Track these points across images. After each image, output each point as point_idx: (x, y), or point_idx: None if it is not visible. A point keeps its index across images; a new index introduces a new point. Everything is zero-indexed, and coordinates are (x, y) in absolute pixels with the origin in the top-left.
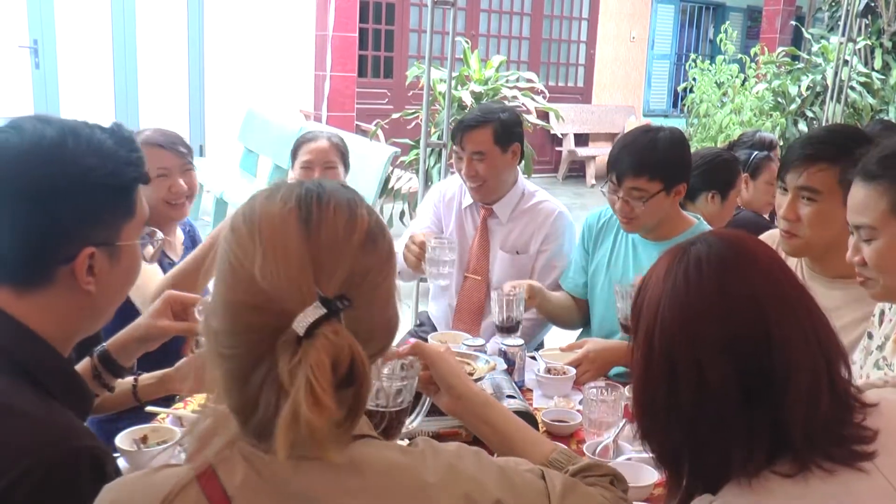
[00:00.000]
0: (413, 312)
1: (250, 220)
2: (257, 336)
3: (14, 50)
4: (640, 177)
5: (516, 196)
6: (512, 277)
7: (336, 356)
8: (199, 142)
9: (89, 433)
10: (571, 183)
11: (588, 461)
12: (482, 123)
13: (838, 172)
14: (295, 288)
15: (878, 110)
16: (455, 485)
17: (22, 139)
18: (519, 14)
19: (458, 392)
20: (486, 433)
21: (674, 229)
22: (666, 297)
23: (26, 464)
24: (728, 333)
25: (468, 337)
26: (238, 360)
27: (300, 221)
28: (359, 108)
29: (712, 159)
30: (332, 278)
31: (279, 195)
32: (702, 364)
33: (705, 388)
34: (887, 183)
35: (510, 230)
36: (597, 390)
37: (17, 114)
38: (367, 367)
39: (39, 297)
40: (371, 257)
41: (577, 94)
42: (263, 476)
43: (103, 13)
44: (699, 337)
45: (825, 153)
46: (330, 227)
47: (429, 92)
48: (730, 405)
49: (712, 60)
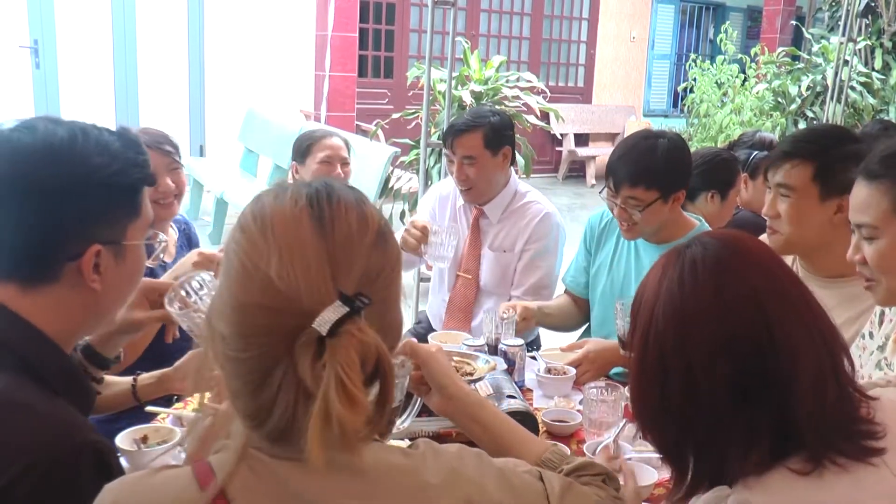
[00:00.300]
0: (413, 312)
1: (261, 221)
2: (273, 338)
3: (14, 50)
4: (637, 187)
5: (507, 197)
6: (497, 276)
7: (364, 353)
8: (199, 142)
9: (92, 428)
10: (571, 183)
11: (581, 460)
12: (472, 128)
13: (812, 169)
14: (314, 287)
15: (878, 110)
16: (456, 487)
17: (34, 138)
18: (519, 14)
19: (450, 392)
20: (477, 433)
21: (676, 232)
22: (661, 300)
23: (31, 458)
24: (726, 334)
25: (468, 337)
26: (250, 363)
27: (313, 220)
28: (359, 108)
29: (711, 159)
30: (349, 276)
31: (288, 194)
32: (693, 368)
33: (696, 391)
34: (889, 182)
35: (499, 230)
36: (597, 390)
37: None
38: (391, 364)
39: (45, 294)
40: (383, 256)
41: (577, 94)
42: (263, 478)
43: (103, 13)
44: (692, 340)
45: (800, 150)
46: (344, 225)
47: (429, 92)
48: (723, 406)
49: (712, 60)
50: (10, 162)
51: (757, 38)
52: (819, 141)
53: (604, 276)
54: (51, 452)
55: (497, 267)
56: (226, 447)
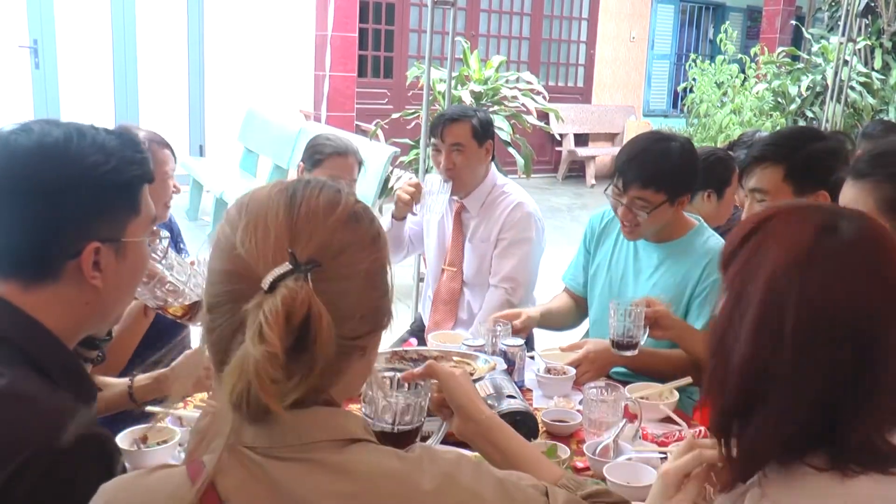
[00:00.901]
0: (413, 312)
1: (240, 202)
2: (234, 306)
3: (14, 50)
4: (647, 188)
5: (486, 189)
6: (476, 266)
7: (291, 304)
8: (199, 142)
9: (95, 421)
10: (571, 183)
11: (597, 488)
12: (462, 118)
13: (782, 170)
14: (269, 253)
15: (878, 110)
16: (451, 494)
17: (30, 140)
18: (519, 14)
19: (468, 413)
20: (494, 458)
21: (675, 232)
22: (805, 269)
23: (34, 449)
24: (860, 318)
25: (468, 337)
26: (217, 335)
27: (285, 198)
28: (359, 108)
29: (706, 158)
30: (307, 245)
31: (273, 183)
32: (816, 342)
33: (809, 365)
34: (875, 181)
35: (479, 222)
36: (597, 390)
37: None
38: (326, 323)
39: (47, 292)
40: (351, 234)
41: (576, 94)
42: (256, 477)
43: (103, 13)
44: (831, 313)
45: (768, 153)
46: (312, 202)
47: (429, 92)
48: (816, 385)
49: (712, 60)
50: (7, 163)
51: (757, 38)
52: (786, 143)
53: (603, 273)
54: (54, 445)
55: (475, 257)
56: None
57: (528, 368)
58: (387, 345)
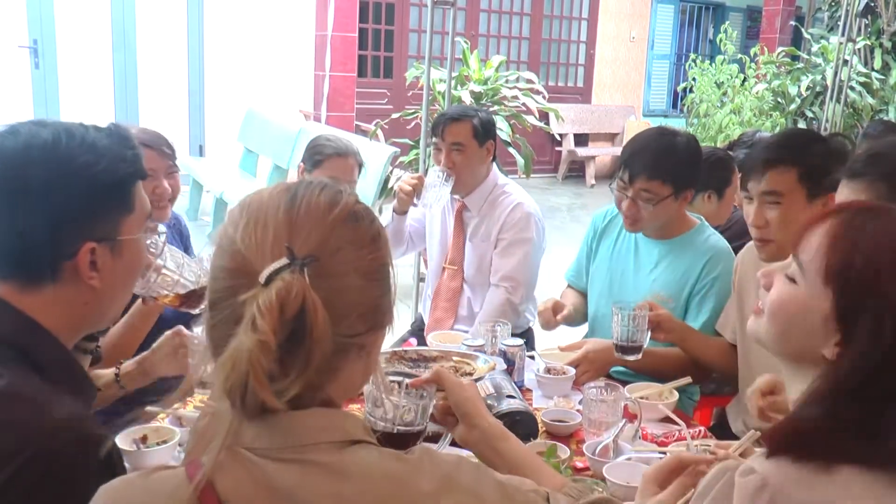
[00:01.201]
0: (413, 312)
1: (243, 202)
2: (233, 299)
3: (14, 50)
4: (654, 180)
5: (487, 189)
6: (476, 265)
7: (285, 296)
8: (199, 142)
9: (95, 421)
10: (571, 183)
11: (600, 496)
12: (463, 118)
13: (796, 172)
14: (268, 248)
15: (877, 110)
16: (450, 496)
17: (16, 142)
18: (519, 14)
19: (473, 421)
20: (498, 465)
21: (676, 229)
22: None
23: (34, 450)
24: None
25: (468, 337)
26: (217, 331)
27: (287, 198)
28: (358, 108)
29: (707, 158)
30: (305, 241)
31: (276, 185)
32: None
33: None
34: (869, 180)
35: (479, 221)
36: (596, 390)
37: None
38: (321, 316)
39: (46, 293)
40: (350, 232)
41: (576, 94)
42: (255, 478)
43: (103, 13)
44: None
45: (782, 155)
46: (312, 201)
47: (428, 92)
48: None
49: (712, 60)
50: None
51: (756, 38)
52: (796, 145)
53: (604, 269)
54: (53, 445)
55: (478, 257)
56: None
57: (527, 368)
58: (387, 345)
